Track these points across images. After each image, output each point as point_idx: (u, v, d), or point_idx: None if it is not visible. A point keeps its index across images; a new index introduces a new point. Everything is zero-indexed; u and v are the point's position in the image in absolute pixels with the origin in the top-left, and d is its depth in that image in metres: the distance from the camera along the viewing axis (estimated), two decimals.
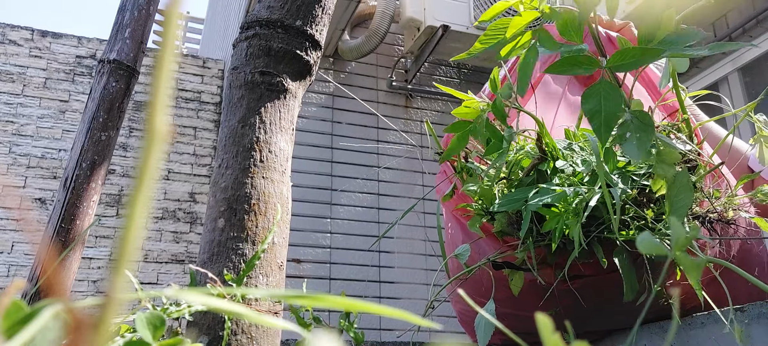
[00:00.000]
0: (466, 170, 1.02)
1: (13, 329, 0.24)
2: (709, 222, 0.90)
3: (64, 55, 3.68)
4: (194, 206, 3.60)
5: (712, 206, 0.89)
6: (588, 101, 0.71)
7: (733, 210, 0.90)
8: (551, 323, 0.27)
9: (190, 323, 0.72)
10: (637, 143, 0.68)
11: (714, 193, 0.91)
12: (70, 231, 1.14)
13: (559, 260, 0.90)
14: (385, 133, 3.34)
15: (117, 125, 1.27)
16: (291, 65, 0.91)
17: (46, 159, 3.44)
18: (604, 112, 0.69)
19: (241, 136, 0.84)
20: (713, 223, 0.90)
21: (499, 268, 0.95)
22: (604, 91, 0.70)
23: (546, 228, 0.84)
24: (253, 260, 0.72)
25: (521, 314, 1.02)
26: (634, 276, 0.83)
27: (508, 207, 0.88)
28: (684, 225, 0.76)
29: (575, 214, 0.81)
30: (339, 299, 0.23)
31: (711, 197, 0.90)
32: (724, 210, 0.90)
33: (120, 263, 0.16)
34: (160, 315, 0.46)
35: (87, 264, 3.29)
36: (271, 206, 0.82)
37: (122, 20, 1.31)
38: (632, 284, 0.82)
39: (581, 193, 0.80)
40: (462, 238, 1.05)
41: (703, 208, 0.90)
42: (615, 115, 0.68)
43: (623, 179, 0.85)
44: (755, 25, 2.95)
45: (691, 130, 0.94)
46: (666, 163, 0.75)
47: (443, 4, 3.11)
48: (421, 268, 3.16)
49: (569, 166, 0.88)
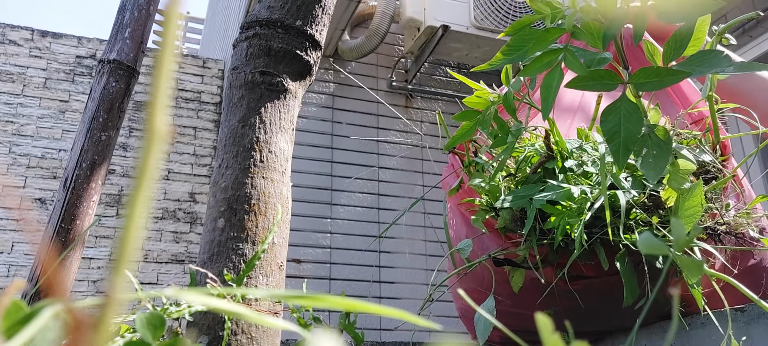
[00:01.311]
0: (474, 165, 1.02)
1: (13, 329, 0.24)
2: (716, 234, 0.89)
3: (64, 55, 3.68)
4: (194, 206, 3.60)
5: (721, 218, 0.88)
6: (607, 120, 0.67)
7: (747, 224, 0.88)
8: (551, 322, 0.27)
9: (190, 323, 0.72)
10: (654, 161, 0.66)
11: (725, 205, 0.90)
12: (70, 231, 1.14)
13: (560, 259, 0.90)
14: (385, 133, 3.34)
15: (117, 125, 1.27)
16: (291, 65, 0.91)
17: (46, 159, 3.44)
18: (623, 134, 0.65)
19: (241, 136, 0.84)
20: (721, 235, 0.89)
21: (500, 264, 0.95)
22: (624, 110, 0.66)
23: (549, 225, 0.84)
24: (253, 260, 0.72)
25: (521, 312, 1.02)
26: (634, 281, 0.83)
27: (514, 204, 0.87)
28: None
29: (579, 213, 0.80)
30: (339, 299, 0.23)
31: (721, 209, 0.89)
32: (735, 224, 0.89)
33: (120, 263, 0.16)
34: (160, 315, 0.46)
35: (87, 264, 3.29)
36: (271, 206, 0.82)
37: (122, 20, 1.31)
38: (632, 288, 0.82)
39: (587, 193, 0.80)
40: (465, 231, 1.05)
41: (714, 219, 0.88)
42: (634, 138, 0.65)
43: (635, 182, 0.84)
44: (755, 25, 2.95)
45: (717, 140, 0.92)
46: (680, 175, 0.74)
47: (443, 4, 3.11)
48: (422, 268, 3.16)
49: (579, 165, 0.87)
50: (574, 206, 0.82)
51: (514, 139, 0.84)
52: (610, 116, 0.67)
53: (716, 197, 0.89)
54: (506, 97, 0.88)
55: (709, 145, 0.93)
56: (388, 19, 3.20)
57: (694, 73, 0.63)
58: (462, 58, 3.42)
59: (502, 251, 0.95)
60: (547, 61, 0.69)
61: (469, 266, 0.95)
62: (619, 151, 0.65)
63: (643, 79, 0.65)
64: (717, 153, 0.93)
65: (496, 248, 0.96)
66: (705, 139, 0.94)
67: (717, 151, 0.93)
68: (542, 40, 0.68)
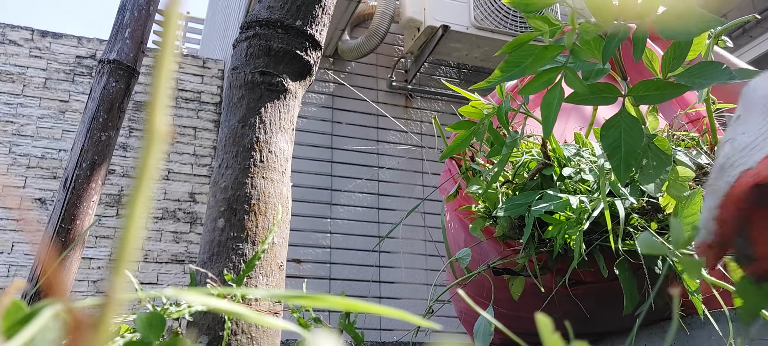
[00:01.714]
0: (471, 171, 1.02)
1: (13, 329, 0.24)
2: None
3: (64, 55, 3.68)
4: (194, 206, 3.60)
5: None
6: (607, 135, 0.65)
7: None
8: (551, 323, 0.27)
9: (190, 323, 0.72)
10: (654, 173, 0.64)
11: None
12: (70, 231, 1.14)
13: (560, 266, 0.90)
14: (385, 133, 3.34)
15: (117, 125, 1.26)
16: (291, 65, 0.91)
17: (46, 159, 3.44)
18: (624, 150, 0.63)
19: (241, 136, 0.84)
20: None
21: (499, 274, 0.94)
22: (625, 125, 0.64)
23: (548, 235, 0.84)
24: (253, 260, 0.72)
25: (521, 315, 1.02)
26: (634, 288, 0.82)
27: (511, 212, 0.87)
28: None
29: (578, 223, 0.80)
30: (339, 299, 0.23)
31: None
32: None
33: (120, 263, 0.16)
34: (160, 315, 0.46)
35: (87, 264, 3.29)
36: (271, 206, 0.82)
37: (122, 20, 1.31)
38: (632, 296, 0.82)
39: (585, 203, 0.80)
40: (464, 236, 1.05)
41: None
42: (635, 153, 0.64)
43: (633, 188, 0.84)
44: (755, 25, 2.95)
45: (715, 141, 0.92)
46: (679, 183, 0.73)
47: (443, 4, 3.11)
48: (422, 268, 3.16)
49: (576, 173, 0.87)
50: (573, 215, 0.82)
51: (510, 150, 0.83)
52: (611, 131, 0.65)
53: None
54: (499, 111, 0.88)
55: (708, 146, 0.92)
56: (388, 19, 3.20)
57: (694, 86, 0.62)
58: (462, 58, 3.42)
59: (501, 260, 0.95)
60: (547, 79, 0.67)
61: (469, 276, 0.95)
62: (621, 167, 0.64)
63: (643, 92, 0.64)
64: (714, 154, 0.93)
65: (496, 255, 0.96)
66: (703, 140, 0.94)
67: (714, 151, 0.93)
68: (541, 57, 0.65)
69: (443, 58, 3.51)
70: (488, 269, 0.93)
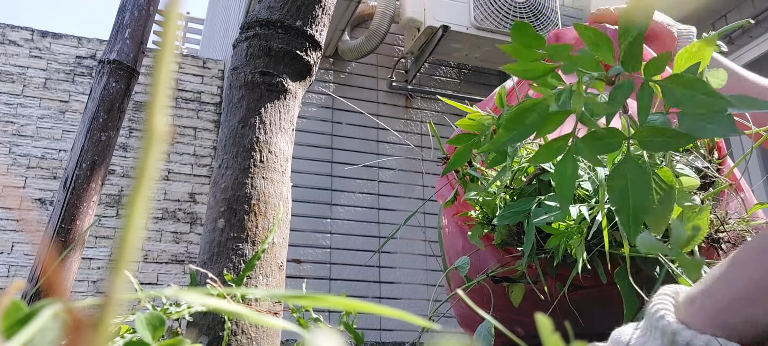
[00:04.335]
0: (469, 176, 1.02)
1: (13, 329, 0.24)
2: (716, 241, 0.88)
3: (64, 56, 3.69)
4: (194, 206, 3.60)
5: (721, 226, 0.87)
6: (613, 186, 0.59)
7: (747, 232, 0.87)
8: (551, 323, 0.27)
9: (190, 323, 0.72)
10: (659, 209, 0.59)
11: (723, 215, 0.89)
12: (70, 231, 1.14)
13: (560, 272, 0.90)
14: (385, 133, 3.34)
15: (117, 125, 1.27)
16: (291, 65, 0.91)
17: (46, 159, 3.44)
18: (632, 204, 0.57)
19: (241, 137, 0.84)
20: (721, 242, 0.89)
21: (498, 282, 0.94)
22: (631, 174, 0.58)
23: (549, 245, 0.83)
24: (253, 260, 0.72)
25: (521, 319, 1.02)
26: (634, 295, 0.82)
27: (509, 220, 0.86)
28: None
29: (579, 233, 0.80)
30: (339, 299, 0.23)
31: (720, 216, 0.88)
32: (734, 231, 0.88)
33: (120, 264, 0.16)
34: (159, 315, 0.46)
35: (87, 264, 3.29)
36: (271, 207, 0.82)
37: (122, 21, 1.31)
38: (632, 304, 0.81)
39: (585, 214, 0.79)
40: (462, 242, 1.05)
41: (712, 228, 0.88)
42: (644, 205, 0.58)
43: None
44: (755, 25, 2.95)
45: (713, 142, 0.91)
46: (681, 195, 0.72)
47: (443, 5, 3.11)
48: (422, 268, 3.16)
49: None
50: (573, 225, 0.81)
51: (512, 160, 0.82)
52: (616, 181, 0.59)
53: (714, 203, 0.88)
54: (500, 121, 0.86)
55: (705, 148, 0.92)
56: (388, 20, 3.20)
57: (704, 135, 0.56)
58: (462, 59, 3.42)
59: (500, 268, 0.94)
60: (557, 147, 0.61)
61: (468, 286, 0.95)
62: (630, 223, 0.58)
63: (649, 136, 0.56)
64: (713, 156, 0.92)
65: (494, 262, 0.96)
66: (700, 142, 0.93)
67: (713, 153, 0.92)
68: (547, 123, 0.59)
69: (443, 59, 3.51)
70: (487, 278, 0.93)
